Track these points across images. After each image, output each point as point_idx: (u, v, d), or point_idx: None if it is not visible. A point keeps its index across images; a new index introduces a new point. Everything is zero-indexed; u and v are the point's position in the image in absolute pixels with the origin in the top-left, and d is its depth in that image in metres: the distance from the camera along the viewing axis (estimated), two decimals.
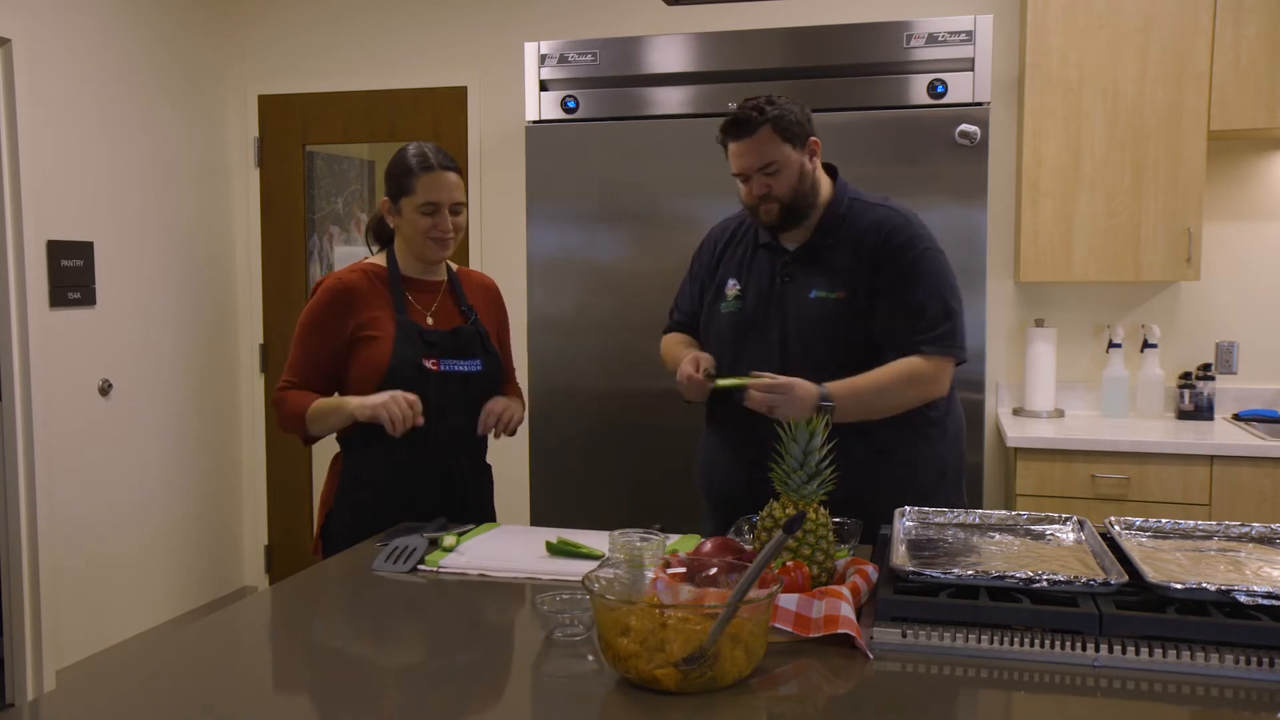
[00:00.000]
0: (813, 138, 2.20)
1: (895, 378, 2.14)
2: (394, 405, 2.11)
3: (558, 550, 1.94)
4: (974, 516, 1.87)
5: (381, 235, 2.38)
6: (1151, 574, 1.48)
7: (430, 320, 2.30)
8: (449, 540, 1.99)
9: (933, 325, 2.16)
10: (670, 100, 3.37)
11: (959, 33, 3.14)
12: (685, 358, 2.22)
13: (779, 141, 2.14)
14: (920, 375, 2.16)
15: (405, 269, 2.32)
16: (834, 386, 2.09)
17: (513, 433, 2.34)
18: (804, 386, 2.06)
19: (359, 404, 2.16)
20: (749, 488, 2.05)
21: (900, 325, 2.16)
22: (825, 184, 2.25)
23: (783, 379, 2.05)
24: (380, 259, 2.34)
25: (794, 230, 2.23)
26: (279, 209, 4.54)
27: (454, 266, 2.44)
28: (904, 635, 1.45)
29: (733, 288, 2.30)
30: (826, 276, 2.20)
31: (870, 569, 1.64)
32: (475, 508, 2.36)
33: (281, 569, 4.62)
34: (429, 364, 2.24)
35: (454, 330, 2.31)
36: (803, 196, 2.18)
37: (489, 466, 2.44)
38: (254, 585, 4.67)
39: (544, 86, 3.44)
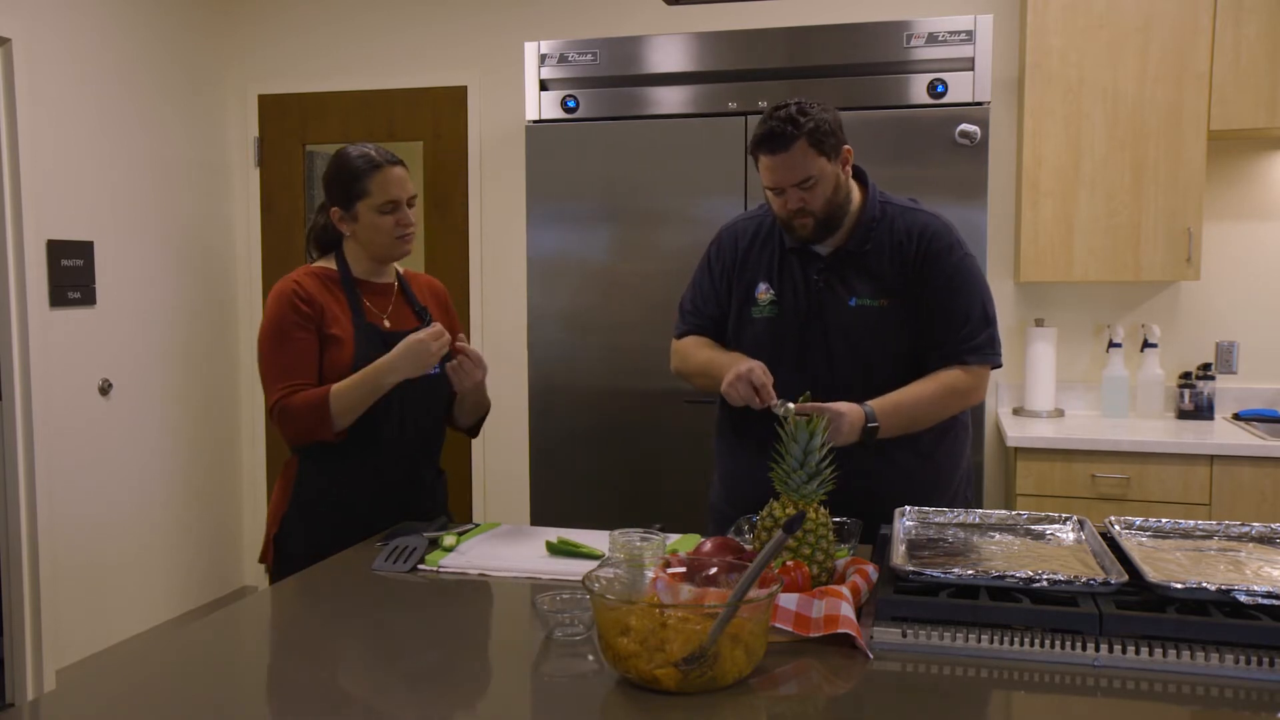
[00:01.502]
0: (845, 146, 2.13)
1: (937, 392, 2.14)
2: (431, 343, 2.03)
3: (558, 550, 1.94)
4: (974, 516, 1.87)
5: (324, 243, 2.29)
6: (1151, 574, 1.48)
7: (387, 323, 2.24)
8: (449, 540, 1.99)
9: (975, 333, 2.16)
10: (670, 100, 3.37)
11: (959, 32, 3.14)
12: (748, 364, 2.09)
13: (814, 155, 2.06)
14: (960, 386, 2.16)
15: (357, 272, 2.25)
16: (877, 406, 2.08)
17: (470, 390, 2.25)
18: (851, 412, 2.03)
19: (388, 362, 2.05)
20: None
21: (945, 334, 2.16)
22: (855, 188, 2.21)
23: (831, 407, 1.99)
24: (327, 263, 2.26)
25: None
26: (279, 208, 4.54)
27: (400, 269, 2.37)
28: (904, 635, 1.45)
29: (765, 292, 2.24)
30: (867, 284, 2.17)
31: (870, 569, 1.64)
32: (434, 513, 2.29)
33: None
34: None
35: (412, 332, 2.24)
36: (837, 208, 2.14)
37: (443, 471, 2.40)
38: (254, 585, 4.67)
39: (544, 86, 3.44)
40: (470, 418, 2.38)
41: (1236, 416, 3.58)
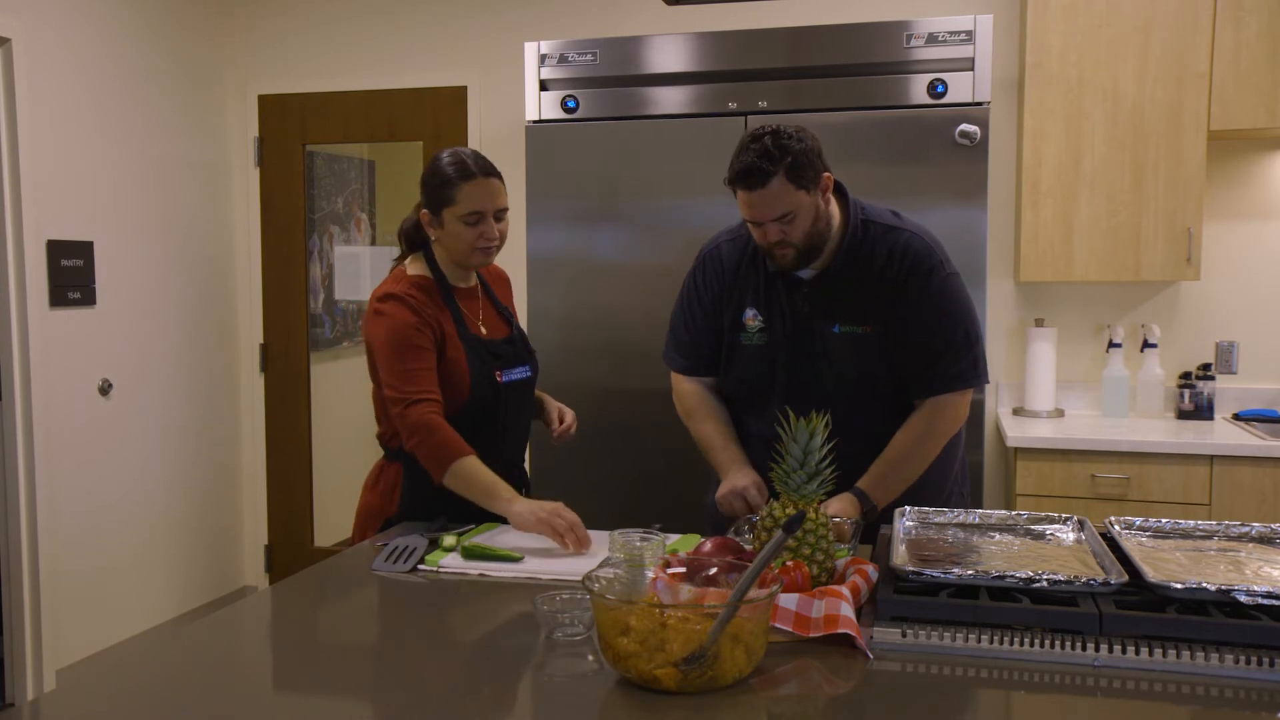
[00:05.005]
0: (825, 174, 2.08)
1: (918, 440, 2.14)
2: (560, 522, 1.97)
3: (472, 554, 1.92)
4: (974, 516, 1.87)
5: (413, 239, 2.30)
6: (1151, 574, 1.48)
7: (483, 330, 2.27)
8: (449, 540, 1.99)
9: (956, 359, 2.14)
10: (670, 100, 3.37)
11: (959, 32, 3.14)
12: (744, 481, 2.14)
13: (793, 190, 2.01)
14: (940, 424, 2.15)
15: (450, 279, 2.26)
16: (866, 485, 2.10)
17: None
18: (841, 504, 2.05)
19: (518, 513, 2.00)
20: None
21: (925, 360, 2.14)
22: (835, 209, 2.16)
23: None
24: (421, 268, 2.25)
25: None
26: (279, 209, 4.54)
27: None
28: (904, 635, 1.45)
29: (753, 318, 2.22)
30: (850, 310, 2.15)
31: (870, 569, 1.64)
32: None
33: (281, 569, 4.62)
34: (497, 376, 2.22)
35: (508, 339, 2.29)
36: (817, 236, 2.10)
37: (523, 469, 2.46)
38: (254, 585, 4.67)
39: (544, 86, 3.44)
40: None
41: (1236, 416, 3.58)
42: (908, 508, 1.89)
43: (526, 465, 3.46)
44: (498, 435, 2.25)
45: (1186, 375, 3.62)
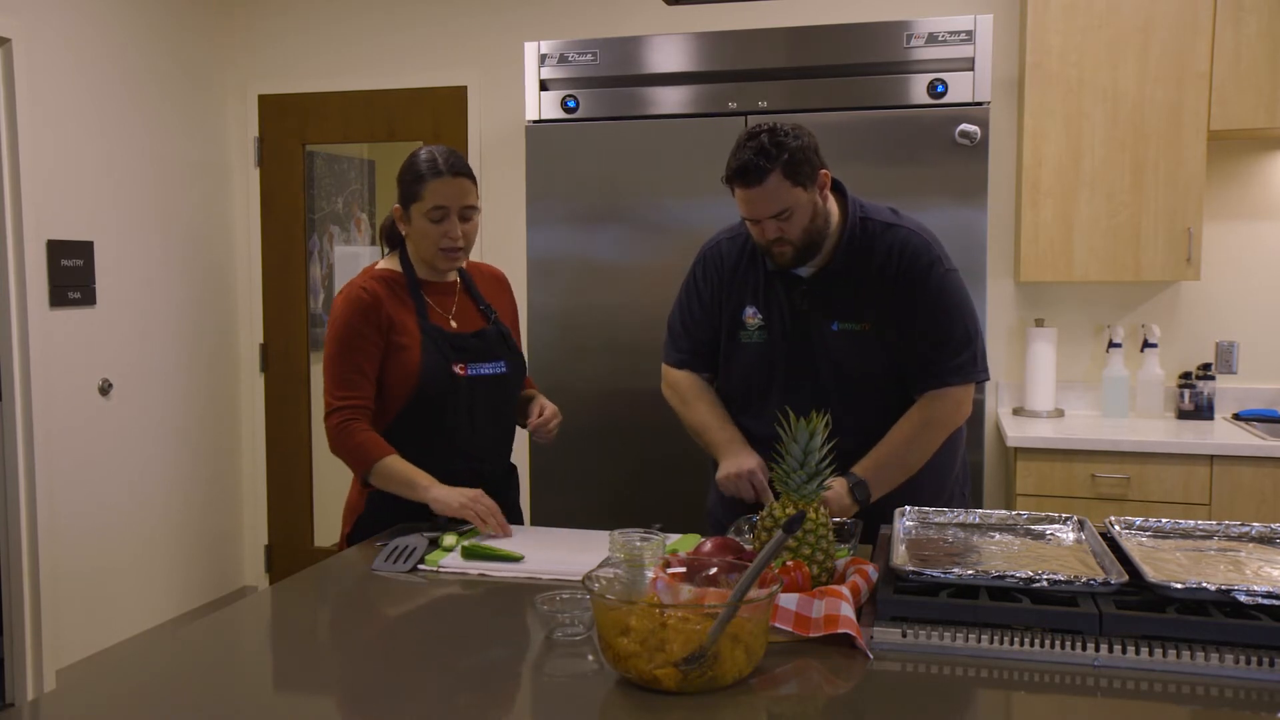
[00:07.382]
0: (822, 170, 2.09)
1: (917, 430, 2.14)
2: (480, 506, 2.06)
3: (472, 554, 1.92)
4: (974, 516, 1.87)
5: (393, 237, 2.31)
6: (1151, 574, 1.48)
7: (454, 324, 2.26)
8: (449, 540, 1.99)
9: (956, 353, 2.15)
10: (670, 100, 3.37)
11: (959, 32, 3.14)
12: (749, 462, 2.14)
13: (789, 186, 2.02)
14: (940, 415, 2.15)
15: (420, 273, 2.26)
16: (862, 470, 2.10)
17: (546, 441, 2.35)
18: (834, 491, 2.05)
19: (437, 498, 2.08)
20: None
21: (925, 356, 2.15)
22: (834, 206, 2.16)
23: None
24: (392, 263, 2.26)
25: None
26: (279, 209, 4.54)
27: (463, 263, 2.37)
28: (904, 635, 1.45)
29: (753, 316, 2.22)
30: (848, 307, 2.16)
31: (870, 569, 1.64)
32: (503, 510, 2.28)
33: (281, 569, 4.62)
34: (457, 369, 2.20)
35: (478, 333, 2.27)
36: (816, 233, 2.11)
37: (514, 467, 2.43)
38: (254, 585, 4.67)
39: (544, 86, 3.44)
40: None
41: (1236, 416, 3.58)
42: (908, 508, 1.88)
43: (526, 465, 3.49)
44: (459, 429, 2.22)
45: (1186, 375, 3.62)
